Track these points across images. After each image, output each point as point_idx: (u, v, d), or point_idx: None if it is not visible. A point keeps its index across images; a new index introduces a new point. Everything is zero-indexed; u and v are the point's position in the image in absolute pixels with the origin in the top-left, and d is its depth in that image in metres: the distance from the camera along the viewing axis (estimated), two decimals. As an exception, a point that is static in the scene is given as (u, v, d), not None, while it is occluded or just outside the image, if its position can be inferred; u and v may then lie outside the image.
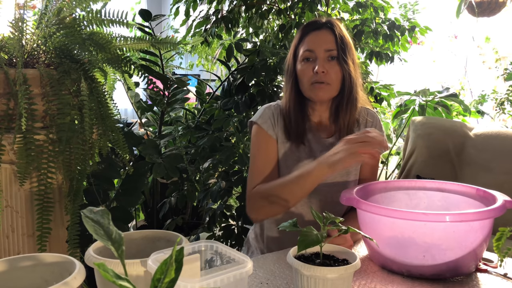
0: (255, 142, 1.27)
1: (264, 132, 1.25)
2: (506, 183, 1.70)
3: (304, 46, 1.22)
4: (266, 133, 1.25)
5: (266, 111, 1.28)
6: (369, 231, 0.97)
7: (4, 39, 1.19)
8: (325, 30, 1.22)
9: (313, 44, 1.20)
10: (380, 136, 1.02)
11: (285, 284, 0.89)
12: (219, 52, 2.77)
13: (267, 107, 1.30)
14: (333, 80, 1.19)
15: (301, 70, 1.22)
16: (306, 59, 1.21)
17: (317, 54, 1.19)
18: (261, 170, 1.24)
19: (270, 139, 1.25)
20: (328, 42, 1.19)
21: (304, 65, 1.21)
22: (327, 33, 1.21)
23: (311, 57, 1.20)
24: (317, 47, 1.19)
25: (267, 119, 1.26)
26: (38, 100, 1.17)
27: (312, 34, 1.22)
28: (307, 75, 1.20)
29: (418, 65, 3.90)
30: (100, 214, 0.55)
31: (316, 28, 1.23)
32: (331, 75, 1.19)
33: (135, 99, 2.30)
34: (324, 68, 1.18)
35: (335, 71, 1.19)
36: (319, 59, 1.18)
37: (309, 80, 1.20)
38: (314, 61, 1.20)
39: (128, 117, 4.76)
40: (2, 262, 0.65)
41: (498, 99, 3.31)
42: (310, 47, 1.20)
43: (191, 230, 2.13)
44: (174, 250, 0.47)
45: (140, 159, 1.70)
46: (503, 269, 0.97)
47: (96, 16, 1.28)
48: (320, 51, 1.19)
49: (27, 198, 1.21)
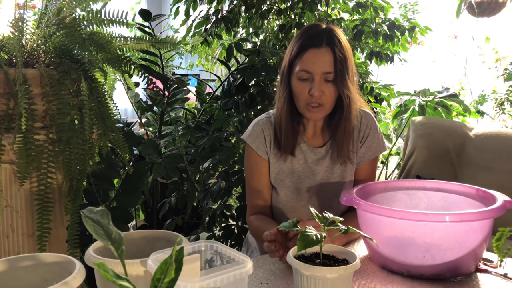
0: (247, 162, 1.31)
1: (254, 153, 1.28)
2: (506, 183, 1.70)
3: (301, 64, 1.18)
4: (255, 153, 1.27)
5: (254, 128, 1.29)
6: (369, 231, 0.97)
7: (4, 39, 1.19)
8: (325, 49, 1.16)
9: (311, 65, 1.16)
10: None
11: (285, 284, 0.89)
12: (219, 52, 2.77)
13: (255, 123, 1.30)
14: (328, 101, 1.18)
15: (296, 88, 1.19)
16: (302, 78, 1.18)
17: (314, 76, 1.16)
18: (255, 190, 1.29)
19: (259, 159, 1.27)
20: (327, 64, 1.16)
21: (300, 85, 1.18)
22: (326, 53, 1.16)
23: (307, 77, 1.17)
24: (314, 69, 1.16)
25: (256, 138, 1.27)
26: (38, 100, 1.17)
27: (311, 52, 1.17)
28: (303, 95, 1.18)
29: (418, 65, 3.90)
30: (100, 214, 0.55)
31: (315, 45, 1.17)
32: (326, 96, 1.17)
33: (135, 99, 2.29)
34: (320, 91, 1.16)
35: (330, 92, 1.17)
36: (316, 81, 1.16)
37: (304, 100, 1.18)
38: (310, 81, 1.17)
39: (128, 117, 4.76)
40: (2, 262, 0.65)
41: (498, 99, 3.31)
42: (308, 68, 1.16)
43: (191, 230, 2.13)
44: (174, 250, 0.47)
45: (140, 159, 1.70)
46: (503, 269, 0.97)
47: (96, 16, 1.28)
48: (317, 74, 1.16)
49: (27, 198, 1.21)
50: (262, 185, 1.29)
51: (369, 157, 1.27)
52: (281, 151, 1.26)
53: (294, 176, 1.26)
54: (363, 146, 1.27)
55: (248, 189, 1.32)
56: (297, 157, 1.26)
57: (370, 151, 1.27)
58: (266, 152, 1.27)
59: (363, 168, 1.29)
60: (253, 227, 1.27)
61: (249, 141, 1.28)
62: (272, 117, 1.30)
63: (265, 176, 1.28)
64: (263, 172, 1.28)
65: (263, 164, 1.28)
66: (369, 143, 1.27)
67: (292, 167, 1.26)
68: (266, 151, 1.27)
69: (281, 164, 1.27)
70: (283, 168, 1.27)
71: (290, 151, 1.25)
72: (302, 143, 1.27)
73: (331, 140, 1.27)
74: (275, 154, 1.27)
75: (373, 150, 1.27)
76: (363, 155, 1.27)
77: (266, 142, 1.27)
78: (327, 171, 1.26)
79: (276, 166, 1.27)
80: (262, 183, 1.29)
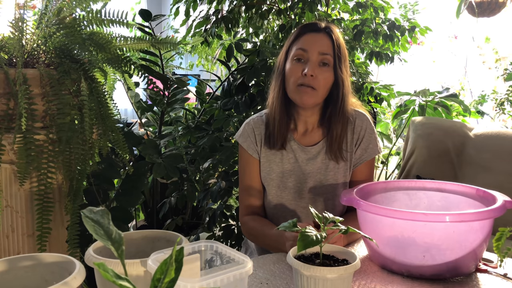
0: (240, 161, 1.32)
1: (245, 152, 1.28)
2: (506, 183, 1.70)
3: (298, 44, 1.18)
4: (247, 152, 1.28)
5: (245, 128, 1.29)
6: (369, 231, 0.97)
7: (4, 39, 1.19)
8: (323, 34, 1.19)
9: (308, 44, 1.17)
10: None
11: (285, 284, 0.89)
12: (219, 52, 2.77)
13: (247, 123, 1.30)
14: (320, 86, 1.16)
15: (290, 69, 1.18)
16: (298, 59, 1.17)
17: (310, 56, 1.16)
18: (248, 190, 1.29)
19: (250, 158, 1.28)
20: (324, 45, 1.16)
21: (294, 65, 1.17)
22: (325, 37, 1.18)
23: (303, 57, 1.16)
24: (311, 48, 1.16)
25: (247, 137, 1.27)
26: (38, 100, 1.17)
27: (309, 34, 1.19)
28: (295, 75, 1.16)
29: (418, 66, 3.89)
30: (100, 214, 0.55)
31: (314, 30, 1.20)
32: (319, 80, 1.15)
33: (135, 99, 2.29)
34: (314, 72, 1.14)
35: (324, 77, 1.16)
36: (311, 62, 1.15)
37: (296, 81, 1.16)
38: (305, 63, 1.16)
39: (128, 117, 4.76)
40: (2, 262, 0.65)
41: (498, 100, 3.31)
42: (304, 46, 1.16)
43: (191, 230, 2.13)
44: (174, 250, 0.47)
45: (140, 159, 1.70)
46: (503, 269, 0.97)
47: (96, 16, 1.28)
48: (314, 53, 1.15)
49: (27, 198, 1.21)
50: (254, 184, 1.28)
51: (365, 158, 1.26)
52: (272, 147, 1.25)
53: (284, 175, 1.25)
54: (358, 148, 1.25)
55: (241, 188, 1.31)
56: (287, 156, 1.25)
57: (366, 153, 1.26)
58: (257, 152, 1.27)
59: (360, 170, 1.27)
60: (249, 228, 1.26)
61: (240, 141, 1.29)
62: (264, 116, 1.29)
63: (257, 175, 1.28)
64: (254, 171, 1.28)
65: (255, 163, 1.28)
66: (365, 145, 1.25)
67: (282, 166, 1.26)
68: (256, 151, 1.27)
69: (271, 163, 1.26)
70: (273, 167, 1.26)
71: (281, 145, 1.24)
72: (293, 141, 1.26)
73: (324, 138, 1.25)
74: (266, 153, 1.26)
75: (370, 151, 1.25)
76: (359, 157, 1.26)
77: (257, 142, 1.27)
78: (319, 172, 1.24)
79: (266, 166, 1.27)
80: (254, 182, 1.28)
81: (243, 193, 1.30)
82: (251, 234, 1.27)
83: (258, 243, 1.30)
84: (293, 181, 1.25)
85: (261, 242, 1.25)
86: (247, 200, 1.29)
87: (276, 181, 1.26)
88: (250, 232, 1.26)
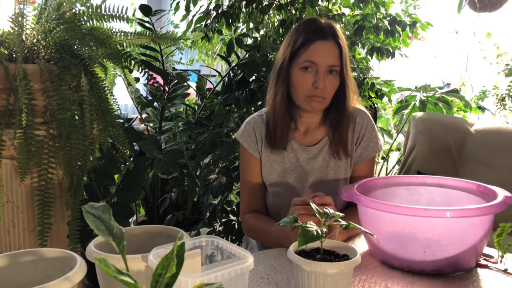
0: (241, 160, 1.32)
1: (246, 152, 1.28)
2: (506, 179, 1.70)
3: (307, 55, 1.16)
4: (248, 152, 1.28)
5: (246, 127, 1.29)
6: (370, 227, 0.97)
7: (4, 34, 1.19)
8: (331, 42, 1.16)
9: (317, 56, 1.15)
10: (328, 200, 1.01)
11: (285, 279, 0.90)
12: (219, 47, 2.76)
13: (247, 122, 1.30)
14: (329, 94, 1.18)
15: (298, 79, 1.18)
16: (305, 67, 1.16)
17: (319, 68, 1.15)
18: (249, 188, 1.29)
19: (251, 158, 1.28)
20: (333, 57, 1.16)
21: (303, 76, 1.17)
22: (333, 46, 1.16)
23: (311, 68, 1.16)
24: (321, 61, 1.15)
25: (248, 136, 1.28)
26: (38, 96, 1.17)
27: (318, 44, 1.16)
28: (305, 87, 1.17)
29: (419, 61, 3.89)
30: (101, 210, 0.55)
31: (322, 38, 1.17)
32: (328, 88, 1.17)
33: (135, 95, 2.29)
34: (324, 84, 1.15)
35: (332, 85, 1.17)
36: (320, 73, 1.15)
37: (306, 93, 1.17)
38: (314, 73, 1.16)
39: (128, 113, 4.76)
40: (3, 257, 0.65)
41: (499, 95, 3.31)
42: (314, 59, 1.15)
43: (191, 226, 2.13)
44: (175, 245, 0.47)
45: (141, 154, 1.70)
46: (504, 264, 0.97)
47: (96, 11, 1.28)
48: (323, 66, 1.15)
49: (28, 193, 1.21)
50: (255, 182, 1.28)
51: (366, 156, 1.26)
52: (273, 148, 1.25)
53: (285, 174, 1.26)
54: (359, 147, 1.26)
55: (242, 186, 1.32)
56: (288, 155, 1.26)
57: (366, 151, 1.26)
58: (258, 151, 1.27)
59: (361, 167, 1.27)
60: (250, 225, 1.26)
61: (241, 140, 1.29)
62: (264, 115, 1.29)
63: (258, 174, 1.28)
64: (255, 170, 1.28)
65: (256, 162, 1.28)
66: (366, 143, 1.26)
67: (283, 166, 1.26)
68: (257, 150, 1.27)
69: (272, 163, 1.26)
70: (274, 167, 1.26)
71: (283, 145, 1.24)
72: (293, 141, 1.26)
73: (326, 137, 1.26)
74: (266, 153, 1.27)
75: (370, 149, 1.26)
76: (359, 155, 1.26)
77: (258, 141, 1.27)
78: (320, 170, 1.25)
79: (267, 165, 1.27)
80: (255, 181, 1.28)
81: (244, 191, 1.31)
82: (252, 231, 1.27)
83: (259, 240, 1.30)
84: (294, 178, 1.26)
85: (262, 239, 1.25)
86: (248, 198, 1.30)
87: (277, 179, 1.26)
88: (251, 229, 1.26)
